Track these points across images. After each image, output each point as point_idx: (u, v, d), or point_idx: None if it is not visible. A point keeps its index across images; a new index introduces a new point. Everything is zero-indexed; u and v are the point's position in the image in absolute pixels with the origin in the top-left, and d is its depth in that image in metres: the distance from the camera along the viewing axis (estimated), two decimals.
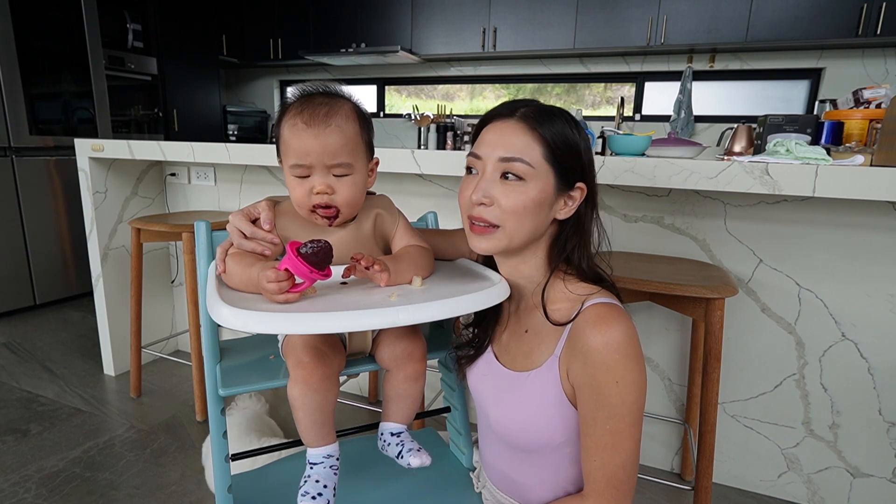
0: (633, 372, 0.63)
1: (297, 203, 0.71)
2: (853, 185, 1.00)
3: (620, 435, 0.63)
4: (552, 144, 0.66)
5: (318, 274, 0.59)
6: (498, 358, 0.77)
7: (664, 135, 2.87)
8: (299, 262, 0.58)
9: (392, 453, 0.74)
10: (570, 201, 0.70)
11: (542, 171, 0.66)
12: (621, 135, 1.63)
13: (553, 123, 0.67)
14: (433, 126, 3.82)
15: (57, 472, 1.42)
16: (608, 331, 0.63)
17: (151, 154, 1.73)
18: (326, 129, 0.67)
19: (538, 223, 0.69)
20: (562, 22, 3.33)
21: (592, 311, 0.65)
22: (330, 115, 0.68)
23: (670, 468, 1.50)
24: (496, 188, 0.67)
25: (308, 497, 0.65)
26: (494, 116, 0.70)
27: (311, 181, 0.69)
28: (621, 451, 0.64)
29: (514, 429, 0.72)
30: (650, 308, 1.41)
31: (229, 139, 4.19)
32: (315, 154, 0.67)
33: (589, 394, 0.64)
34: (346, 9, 3.84)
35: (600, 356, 0.62)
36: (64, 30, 2.80)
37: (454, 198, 1.59)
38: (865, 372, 1.26)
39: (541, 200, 0.67)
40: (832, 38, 2.85)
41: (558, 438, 0.70)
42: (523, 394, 0.71)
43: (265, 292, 0.60)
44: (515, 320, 0.77)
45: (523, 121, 0.67)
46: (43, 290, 2.76)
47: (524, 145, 0.66)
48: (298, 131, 0.68)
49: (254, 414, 1.46)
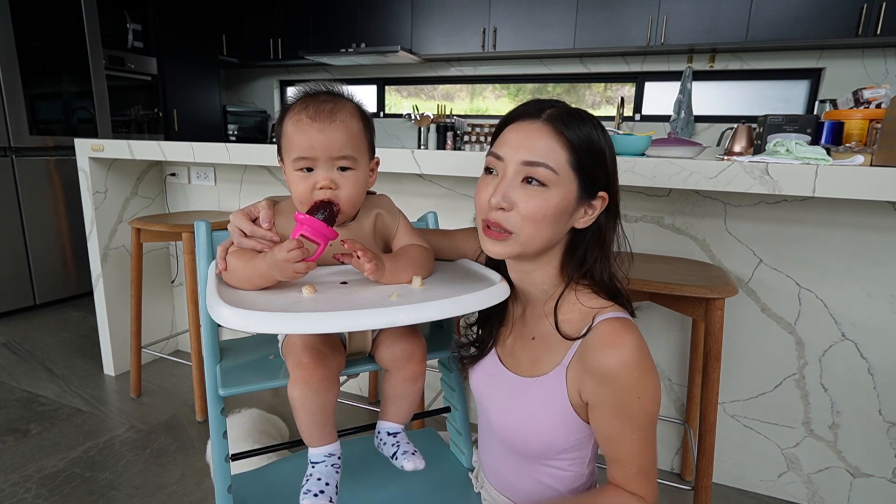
0: (651, 384, 0.64)
1: (298, 199, 0.71)
2: (853, 185, 1.00)
3: (646, 440, 0.66)
4: (578, 150, 0.63)
5: (332, 231, 0.62)
6: (502, 361, 0.77)
7: (664, 135, 2.86)
8: (313, 222, 0.60)
9: (387, 453, 0.74)
10: (591, 210, 0.67)
11: (566, 178, 0.63)
12: (621, 135, 1.63)
13: (581, 127, 0.63)
14: (433, 126, 3.82)
15: (57, 472, 1.42)
16: (622, 349, 0.62)
17: (151, 154, 1.73)
18: (332, 124, 0.68)
19: (556, 232, 0.66)
20: (562, 22, 3.33)
21: (604, 327, 0.64)
22: (335, 111, 0.68)
23: (670, 468, 1.50)
24: (517, 193, 0.64)
25: (310, 495, 0.65)
26: (519, 116, 0.66)
27: (314, 176, 0.69)
28: (649, 451, 0.66)
29: (516, 433, 0.72)
30: (650, 308, 1.41)
31: (229, 139, 4.19)
32: (320, 147, 0.68)
33: (612, 412, 0.64)
34: (346, 9, 3.84)
35: (620, 378, 0.62)
36: (64, 30, 2.79)
37: (454, 198, 1.59)
38: (865, 372, 1.26)
39: (562, 209, 0.64)
40: (832, 38, 2.85)
41: (560, 445, 0.70)
42: (527, 399, 0.71)
43: (284, 265, 0.61)
44: (521, 325, 0.77)
45: (550, 123, 0.63)
46: (43, 290, 2.76)
47: (549, 149, 0.63)
48: (303, 126, 0.68)
49: (258, 413, 1.47)
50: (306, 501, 0.64)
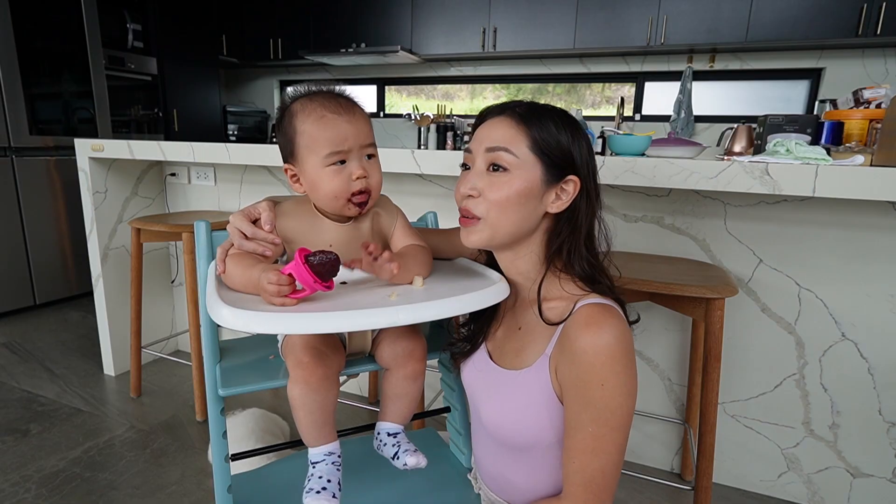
0: (619, 375, 0.61)
1: (335, 193, 0.69)
2: (853, 185, 1.00)
3: (602, 439, 0.62)
4: (538, 137, 0.67)
5: (321, 285, 0.59)
6: (491, 355, 0.77)
7: (664, 135, 2.86)
8: (305, 270, 0.57)
9: (388, 454, 0.74)
10: (563, 194, 0.69)
11: (528, 163, 0.67)
12: (621, 135, 1.63)
13: (541, 118, 0.68)
14: (433, 126, 3.82)
15: (57, 472, 1.42)
16: (597, 332, 0.62)
17: (151, 154, 1.73)
18: (355, 115, 0.70)
19: (524, 216, 0.68)
20: (562, 22, 3.33)
21: (584, 311, 0.65)
22: (351, 103, 0.71)
23: (670, 468, 1.50)
24: (483, 180, 0.69)
25: (312, 493, 0.64)
26: (486, 115, 0.72)
27: (348, 168, 0.69)
28: (602, 455, 0.62)
29: (505, 427, 0.73)
30: (650, 308, 1.41)
31: (229, 139, 4.19)
32: (353, 137, 0.69)
33: (574, 395, 0.63)
34: (346, 9, 3.84)
35: (587, 357, 0.61)
36: (64, 30, 2.79)
37: (454, 198, 1.59)
38: (865, 372, 1.26)
39: (526, 192, 0.67)
40: (832, 38, 2.85)
41: (548, 438, 0.70)
42: (513, 392, 0.71)
43: (263, 294, 0.59)
44: (511, 316, 0.77)
45: (511, 116, 0.69)
46: (43, 290, 2.76)
47: (510, 137, 0.67)
48: (330, 121, 0.68)
49: (261, 413, 1.47)
50: (309, 500, 0.64)
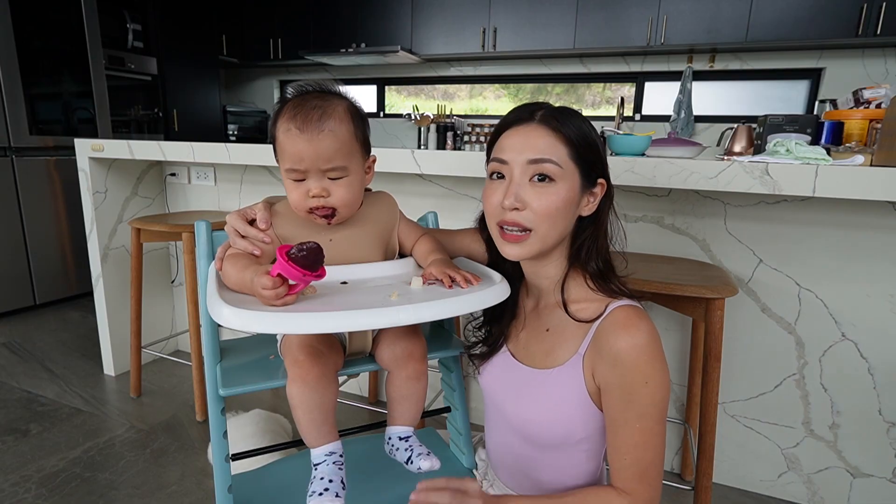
0: (660, 372, 0.65)
1: (294, 205, 0.72)
2: (853, 185, 1.00)
3: (650, 433, 0.65)
4: (576, 143, 0.67)
5: (311, 275, 0.59)
6: (515, 355, 0.78)
7: (664, 135, 2.85)
8: (290, 266, 0.57)
9: (401, 458, 0.74)
10: (593, 198, 0.72)
11: (570, 171, 0.67)
12: (621, 135, 1.63)
13: (572, 122, 0.68)
14: (433, 126, 3.82)
15: (57, 472, 1.42)
16: (636, 333, 0.65)
17: (151, 154, 1.73)
18: (320, 135, 0.67)
19: (567, 223, 0.70)
20: (562, 22, 3.33)
21: (619, 314, 0.67)
22: (323, 119, 0.67)
23: (670, 468, 1.50)
24: (527, 192, 0.67)
25: (315, 496, 0.64)
26: (514, 121, 0.70)
27: (306, 184, 0.69)
28: (651, 448, 0.65)
29: (535, 425, 0.74)
30: (650, 308, 1.41)
31: (229, 139, 4.18)
32: (309, 159, 0.67)
33: (619, 395, 0.66)
34: (346, 9, 3.84)
35: (630, 358, 0.64)
36: (64, 30, 2.79)
37: (454, 198, 1.59)
38: (865, 372, 1.26)
39: (570, 200, 0.68)
40: (832, 38, 2.85)
41: (578, 434, 0.71)
42: (545, 390, 0.72)
43: (261, 299, 0.59)
44: (535, 318, 0.78)
45: (545, 122, 0.68)
46: (43, 290, 2.76)
47: (550, 146, 0.67)
48: (292, 136, 0.67)
49: (265, 414, 1.47)
50: (312, 502, 0.63)
